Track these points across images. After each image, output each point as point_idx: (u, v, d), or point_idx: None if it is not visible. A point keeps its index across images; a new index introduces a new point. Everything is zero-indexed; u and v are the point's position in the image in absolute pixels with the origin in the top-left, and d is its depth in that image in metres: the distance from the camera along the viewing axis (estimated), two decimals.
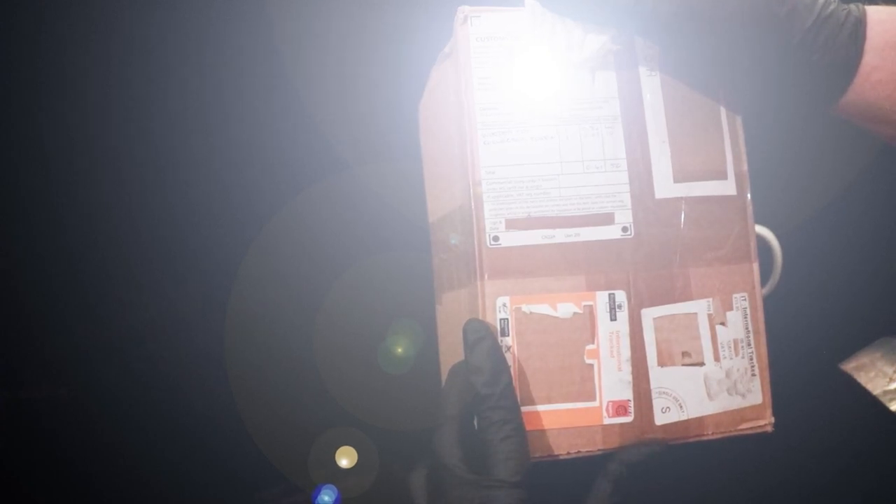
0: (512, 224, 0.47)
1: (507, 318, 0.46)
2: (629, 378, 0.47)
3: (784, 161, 0.65)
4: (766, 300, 0.51)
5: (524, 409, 0.45)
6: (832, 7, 0.45)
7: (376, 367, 0.72)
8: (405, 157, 0.66)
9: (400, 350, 0.72)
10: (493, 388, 0.44)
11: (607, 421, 0.47)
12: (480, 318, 0.46)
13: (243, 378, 0.71)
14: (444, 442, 0.44)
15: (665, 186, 0.48)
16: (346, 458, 0.71)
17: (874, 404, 0.64)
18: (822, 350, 0.68)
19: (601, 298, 0.47)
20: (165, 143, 0.72)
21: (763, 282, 0.51)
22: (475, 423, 0.45)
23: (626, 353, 0.47)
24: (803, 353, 0.64)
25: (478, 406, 0.44)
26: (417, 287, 0.65)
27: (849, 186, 0.70)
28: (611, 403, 0.47)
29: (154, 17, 0.71)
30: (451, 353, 0.55)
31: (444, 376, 0.58)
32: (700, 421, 0.48)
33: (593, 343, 0.47)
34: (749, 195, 0.50)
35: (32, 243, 0.71)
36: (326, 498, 0.68)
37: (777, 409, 0.50)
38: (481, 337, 0.45)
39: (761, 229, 0.54)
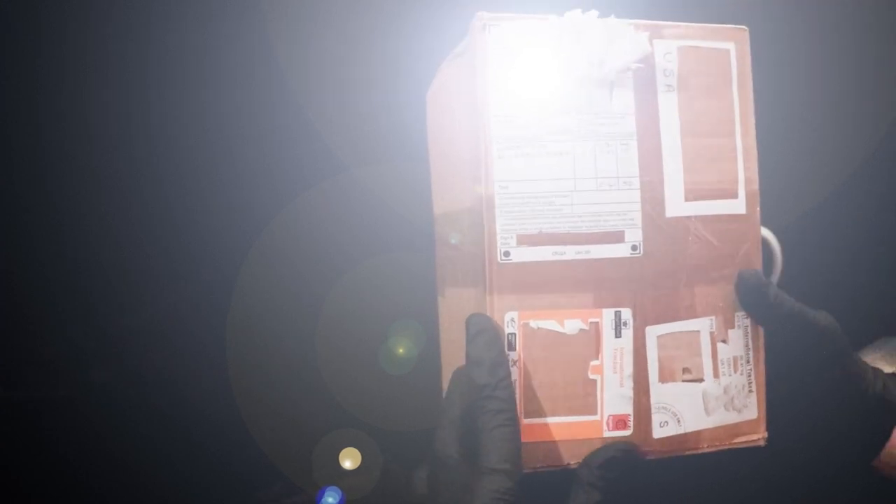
0: (523, 240, 0.47)
1: (515, 333, 0.47)
2: (630, 393, 0.48)
3: (781, 159, 0.65)
4: None
5: (529, 421, 0.47)
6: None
7: (378, 367, 0.72)
8: (406, 159, 0.66)
9: (402, 351, 0.73)
10: (490, 378, 0.45)
11: (607, 434, 0.48)
12: None
13: (245, 379, 0.72)
14: (443, 441, 0.45)
15: (676, 205, 0.48)
16: (349, 460, 0.71)
17: None
18: None
19: (607, 316, 0.48)
20: (165, 143, 0.72)
21: None
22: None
23: (629, 369, 0.48)
24: None
25: (474, 395, 0.45)
26: (419, 288, 0.65)
27: (847, 185, 0.70)
28: (611, 417, 0.48)
29: (151, 18, 0.71)
30: (452, 347, 0.56)
31: (444, 370, 0.59)
32: (697, 435, 0.49)
33: (597, 359, 0.48)
34: (758, 214, 0.50)
35: (31, 243, 0.71)
36: (331, 499, 0.69)
37: (776, 409, 0.51)
38: (482, 329, 0.46)
39: (762, 230, 0.54)
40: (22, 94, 0.70)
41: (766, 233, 0.57)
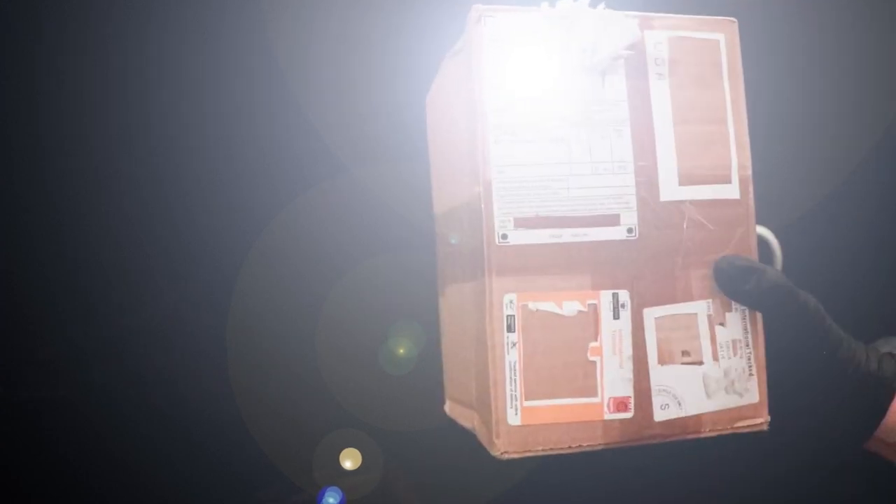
0: (521, 223, 0.48)
1: (514, 315, 0.47)
2: (630, 375, 0.48)
3: (781, 158, 0.65)
4: None
5: (530, 403, 0.47)
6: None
7: (378, 368, 0.72)
8: (405, 158, 0.67)
9: (402, 351, 0.73)
10: None
11: (608, 416, 0.48)
12: (487, 314, 0.47)
13: (245, 379, 0.72)
14: None
15: (670, 189, 0.49)
16: (349, 460, 0.71)
17: None
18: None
19: (605, 298, 0.48)
20: (165, 143, 0.72)
21: None
22: None
23: (628, 350, 0.48)
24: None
25: None
26: (418, 288, 0.66)
27: (847, 185, 0.70)
28: (612, 400, 0.48)
29: (151, 18, 0.71)
30: (453, 344, 0.56)
31: (445, 366, 0.59)
32: (698, 419, 0.50)
33: (596, 341, 0.48)
34: (752, 199, 0.51)
35: (32, 244, 0.71)
36: (331, 500, 0.69)
37: (771, 392, 0.51)
38: None
39: (761, 230, 0.55)
40: (22, 94, 0.70)
41: (766, 232, 0.57)
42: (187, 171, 0.73)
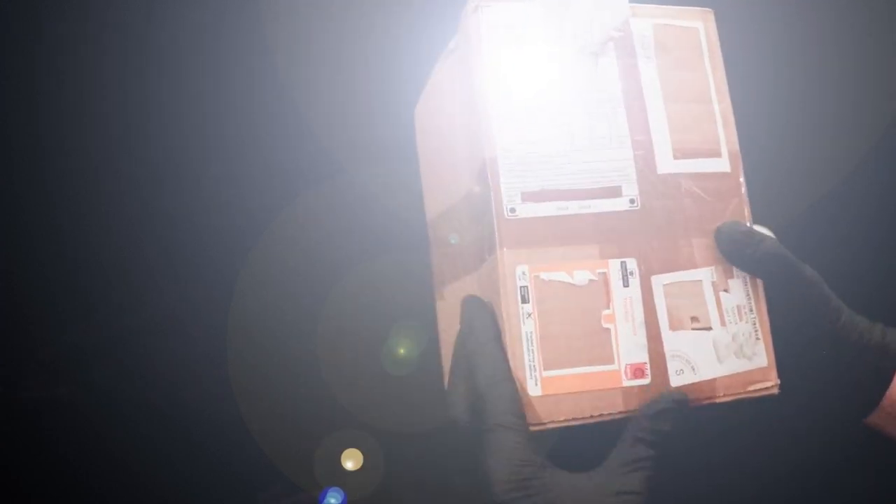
0: (528, 196, 0.49)
1: (527, 286, 0.49)
2: (644, 342, 0.50)
3: (780, 157, 0.66)
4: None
5: (549, 373, 0.48)
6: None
7: (379, 368, 0.72)
8: (402, 160, 0.67)
9: (402, 351, 0.73)
10: (481, 342, 0.47)
11: (626, 383, 0.49)
12: (500, 286, 0.49)
13: (245, 379, 0.72)
14: (453, 404, 0.47)
15: (666, 162, 0.51)
16: (351, 461, 0.71)
17: None
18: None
19: (614, 266, 0.50)
20: (165, 145, 0.73)
21: None
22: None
23: (640, 317, 0.50)
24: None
25: (470, 360, 0.47)
26: (418, 288, 0.66)
27: (846, 181, 0.71)
28: (629, 366, 0.49)
29: (151, 20, 0.71)
30: (453, 346, 0.56)
31: (445, 371, 0.59)
32: (712, 383, 0.51)
33: (609, 308, 0.50)
34: (742, 172, 0.53)
35: (32, 244, 0.71)
36: (333, 500, 0.69)
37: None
38: (471, 301, 0.49)
39: (761, 229, 0.55)
40: (22, 94, 0.70)
41: (765, 230, 0.57)
42: (187, 171, 0.73)
